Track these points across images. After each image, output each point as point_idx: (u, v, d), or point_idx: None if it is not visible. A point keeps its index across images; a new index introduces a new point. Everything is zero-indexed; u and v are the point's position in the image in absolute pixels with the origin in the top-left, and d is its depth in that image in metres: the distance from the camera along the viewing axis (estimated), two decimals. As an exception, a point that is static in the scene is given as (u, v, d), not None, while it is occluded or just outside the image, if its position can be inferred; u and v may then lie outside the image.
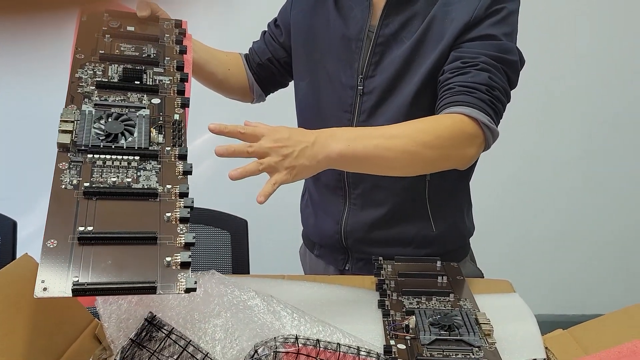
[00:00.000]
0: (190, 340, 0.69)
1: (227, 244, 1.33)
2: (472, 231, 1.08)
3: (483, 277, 1.06)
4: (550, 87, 1.97)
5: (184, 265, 0.56)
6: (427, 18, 0.89)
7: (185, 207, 0.62)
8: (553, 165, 2.05)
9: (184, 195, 0.63)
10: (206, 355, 0.69)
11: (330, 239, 1.04)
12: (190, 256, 0.57)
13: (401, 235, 1.00)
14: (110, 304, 0.71)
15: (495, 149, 2.27)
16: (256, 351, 0.69)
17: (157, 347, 0.68)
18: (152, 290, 0.54)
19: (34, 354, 0.67)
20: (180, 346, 0.69)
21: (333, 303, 0.87)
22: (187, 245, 0.58)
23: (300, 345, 0.70)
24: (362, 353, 0.72)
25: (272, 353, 0.69)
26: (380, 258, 0.97)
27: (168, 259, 0.57)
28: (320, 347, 0.71)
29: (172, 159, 0.67)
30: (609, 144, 2.04)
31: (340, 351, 0.72)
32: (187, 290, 0.55)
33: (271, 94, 1.14)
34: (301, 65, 1.02)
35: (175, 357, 0.69)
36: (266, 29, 1.10)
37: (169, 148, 0.68)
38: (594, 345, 0.74)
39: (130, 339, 0.67)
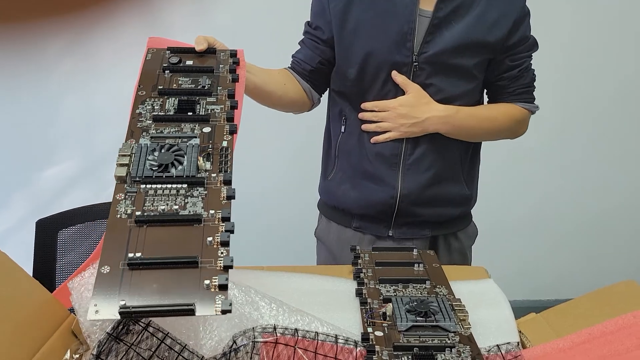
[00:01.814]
0: (168, 333, 0.69)
1: (205, 236, 1.33)
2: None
3: (477, 234, 1.26)
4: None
5: (222, 288, 0.59)
6: (477, 9, 1.04)
7: (226, 231, 0.64)
8: (525, 155, 2.08)
9: (225, 219, 0.66)
10: (184, 347, 0.69)
11: (382, 206, 1.13)
12: (227, 279, 0.60)
13: (446, 195, 1.14)
14: (85, 298, 0.71)
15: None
16: (235, 341, 0.70)
17: (134, 340, 0.68)
18: (190, 312, 0.57)
19: (9, 350, 0.67)
20: (158, 339, 0.68)
21: (311, 293, 0.87)
22: (226, 268, 0.61)
23: (278, 334, 0.71)
24: (339, 341, 0.73)
25: (251, 343, 0.69)
26: (358, 247, 0.99)
27: (207, 282, 0.59)
28: (298, 336, 0.72)
29: (218, 185, 0.70)
30: (580, 134, 2.08)
31: (318, 339, 0.72)
32: (223, 312, 0.58)
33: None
34: (349, 53, 1.08)
35: (152, 350, 0.69)
36: (303, 37, 1.16)
37: (214, 175, 0.71)
38: (565, 328, 0.76)
39: (107, 332, 0.67)
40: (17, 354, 0.67)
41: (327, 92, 1.20)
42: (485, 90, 1.17)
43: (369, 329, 0.75)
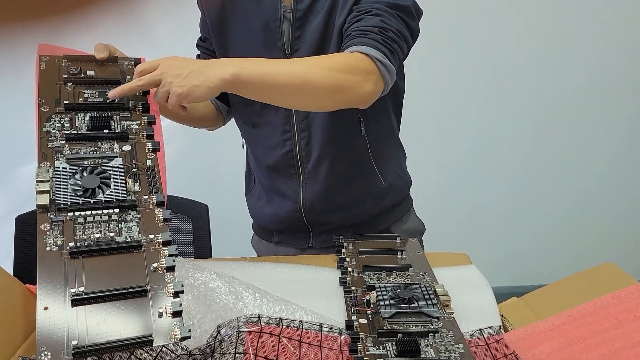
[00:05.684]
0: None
1: (189, 229, 1.32)
2: (411, 181, 1.15)
3: (425, 229, 1.16)
4: (500, 64, 2.01)
5: (176, 314, 0.58)
6: None
7: (170, 255, 0.63)
8: (507, 140, 2.10)
9: (167, 243, 0.64)
10: (168, 338, 0.69)
11: (291, 220, 1.07)
12: (181, 305, 0.59)
13: (357, 195, 1.05)
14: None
15: (450, 125, 2.32)
16: (219, 332, 0.69)
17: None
18: (149, 343, 0.56)
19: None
20: (142, 331, 0.68)
21: (295, 282, 0.87)
22: (177, 294, 0.60)
23: (262, 324, 0.71)
24: (324, 329, 0.73)
25: (235, 333, 0.69)
26: (341, 237, 0.99)
27: (160, 309, 0.58)
28: (283, 325, 0.72)
29: (151, 207, 0.68)
30: (559, 120, 2.10)
31: (302, 328, 0.73)
32: (183, 339, 0.57)
33: None
34: None
35: (136, 342, 0.68)
36: (198, 52, 1.10)
37: (146, 197, 0.69)
38: (546, 311, 0.77)
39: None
40: (-2, 351, 0.67)
41: None
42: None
43: (353, 317, 0.75)
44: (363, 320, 0.74)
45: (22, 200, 1.83)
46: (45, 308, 0.58)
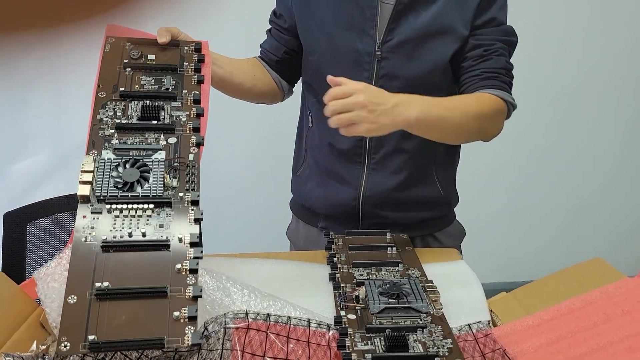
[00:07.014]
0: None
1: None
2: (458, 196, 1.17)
3: (465, 233, 1.16)
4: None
5: (192, 319, 0.60)
6: None
7: (195, 257, 0.64)
8: (496, 140, 2.10)
9: (194, 244, 0.65)
10: (155, 335, 0.68)
11: (345, 207, 1.06)
12: (196, 310, 0.60)
13: (417, 198, 1.05)
14: (51, 288, 0.69)
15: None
16: (206, 328, 0.69)
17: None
18: (160, 345, 0.58)
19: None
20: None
21: (285, 278, 0.87)
22: (195, 298, 0.61)
23: (250, 320, 0.71)
24: (312, 325, 0.73)
25: (222, 329, 0.69)
26: (331, 232, 0.99)
27: (176, 313, 0.60)
28: (270, 321, 0.72)
29: (185, 205, 0.69)
30: (554, 119, 2.11)
31: (290, 324, 0.72)
32: (193, 346, 0.59)
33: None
34: (310, 40, 1.03)
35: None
36: (270, 26, 1.10)
37: (182, 194, 0.70)
38: (535, 306, 0.77)
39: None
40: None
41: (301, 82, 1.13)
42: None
43: (342, 313, 0.75)
44: (352, 316, 0.74)
45: (10, 197, 1.82)
46: (72, 298, 0.60)
